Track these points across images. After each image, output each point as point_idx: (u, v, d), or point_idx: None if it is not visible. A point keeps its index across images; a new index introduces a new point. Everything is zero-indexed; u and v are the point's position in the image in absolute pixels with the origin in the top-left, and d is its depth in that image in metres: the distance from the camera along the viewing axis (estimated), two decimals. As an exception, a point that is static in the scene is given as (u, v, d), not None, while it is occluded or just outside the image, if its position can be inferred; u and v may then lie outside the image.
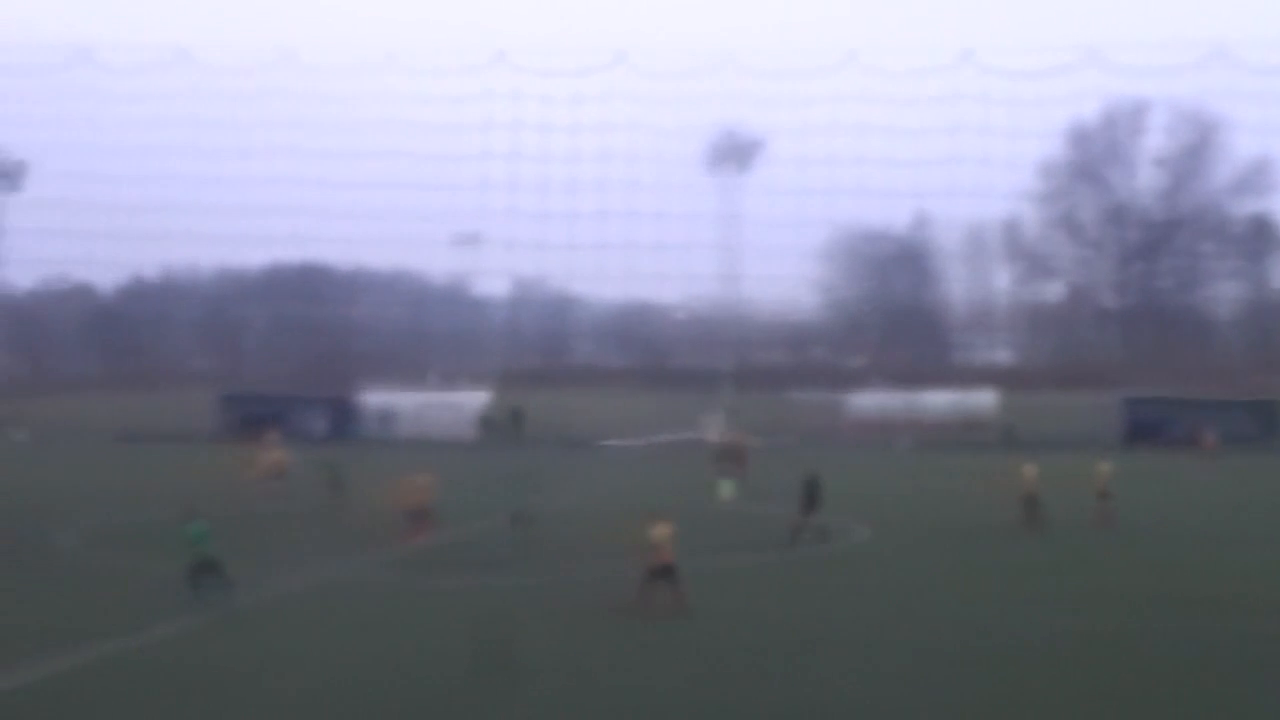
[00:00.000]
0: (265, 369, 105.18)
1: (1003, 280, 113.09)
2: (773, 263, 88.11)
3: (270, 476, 43.16)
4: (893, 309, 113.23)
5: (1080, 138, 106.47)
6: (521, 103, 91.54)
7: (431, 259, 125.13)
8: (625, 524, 26.99)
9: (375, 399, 79.96)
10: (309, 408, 79.13)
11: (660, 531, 24.54)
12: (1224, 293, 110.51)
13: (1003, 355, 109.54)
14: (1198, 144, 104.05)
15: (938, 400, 78.11)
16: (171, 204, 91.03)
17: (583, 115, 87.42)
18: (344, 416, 78.29)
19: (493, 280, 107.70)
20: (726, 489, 44.29)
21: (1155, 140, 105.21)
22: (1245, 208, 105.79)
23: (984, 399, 78.27)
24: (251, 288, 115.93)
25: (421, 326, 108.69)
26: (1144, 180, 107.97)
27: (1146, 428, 73.10)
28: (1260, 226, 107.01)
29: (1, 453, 66.31)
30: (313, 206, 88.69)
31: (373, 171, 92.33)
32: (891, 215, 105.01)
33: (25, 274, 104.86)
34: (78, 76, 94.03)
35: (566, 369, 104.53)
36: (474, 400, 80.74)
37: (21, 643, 21.38)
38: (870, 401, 79.83)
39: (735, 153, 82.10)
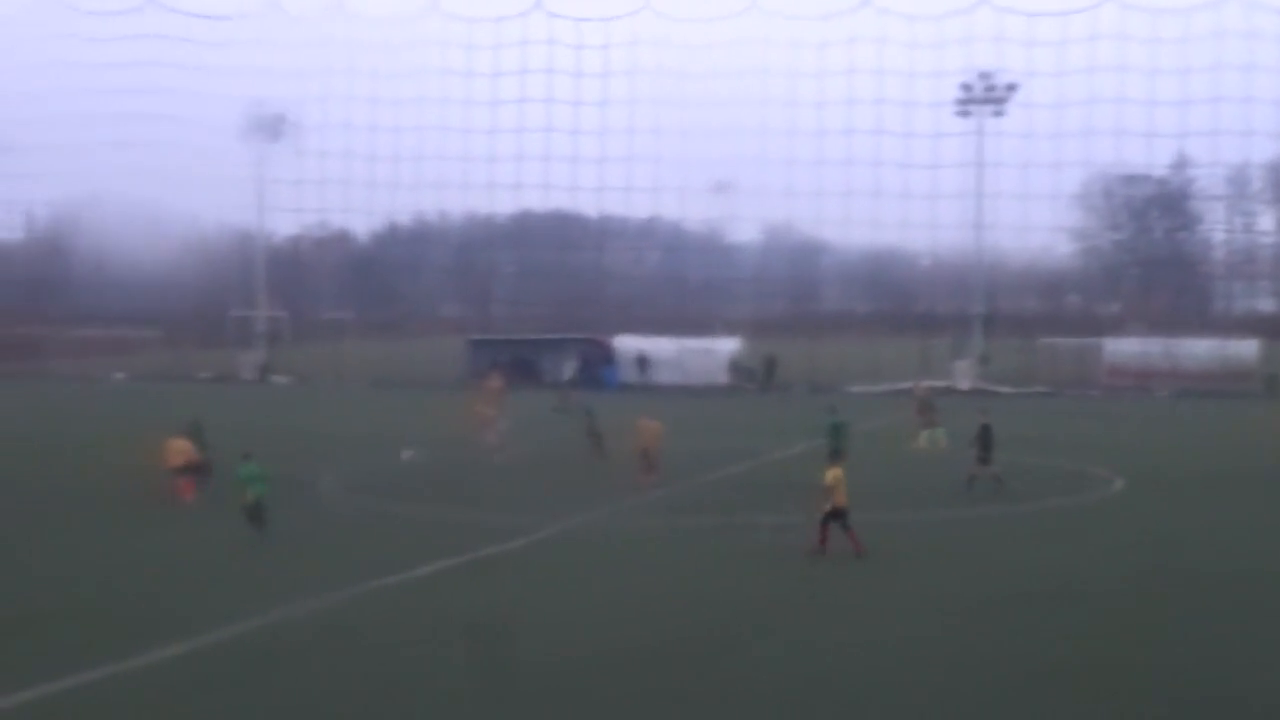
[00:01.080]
0: (516, 315, 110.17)
1: (1267, 224, 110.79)
2: (1025, 209, 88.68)
3: (487, 423, 44.47)
4: (1150, 255, 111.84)
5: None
6: (771, 48, 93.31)
7: (684, 206, 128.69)
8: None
9: (628, 345, 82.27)
10: (561, 353, 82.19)
11: (834, 475, 25.83)
12: None
13: (1266, 304, 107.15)
14: None
15: (1198, 348, 77.43)
16: (425, 152, 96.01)
17: (831, 60, 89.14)
18: (595, 362, 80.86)
19: (743, 227, 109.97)
20: (926, 438, 44.72)
21: None
22: None
23: (1246, 348, 77.35)
24: (502, 234, 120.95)
25: (673, 273, 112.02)
26: None
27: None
28: None
29: (265, 399, 70.36)
30: (563, 154, 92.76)
31: (622, 119, 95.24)
32: (1150, 158, 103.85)
33: (287, 222, 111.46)
34: (335, 28, 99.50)
35: (814, 315, 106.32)
36: (726, 347, 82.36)
37: (283, 583, 23.04)
38: (1128, 348, 79.53)
39: (983, 96, 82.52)
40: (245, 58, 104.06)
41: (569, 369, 78.77)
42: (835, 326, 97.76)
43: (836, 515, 25.62)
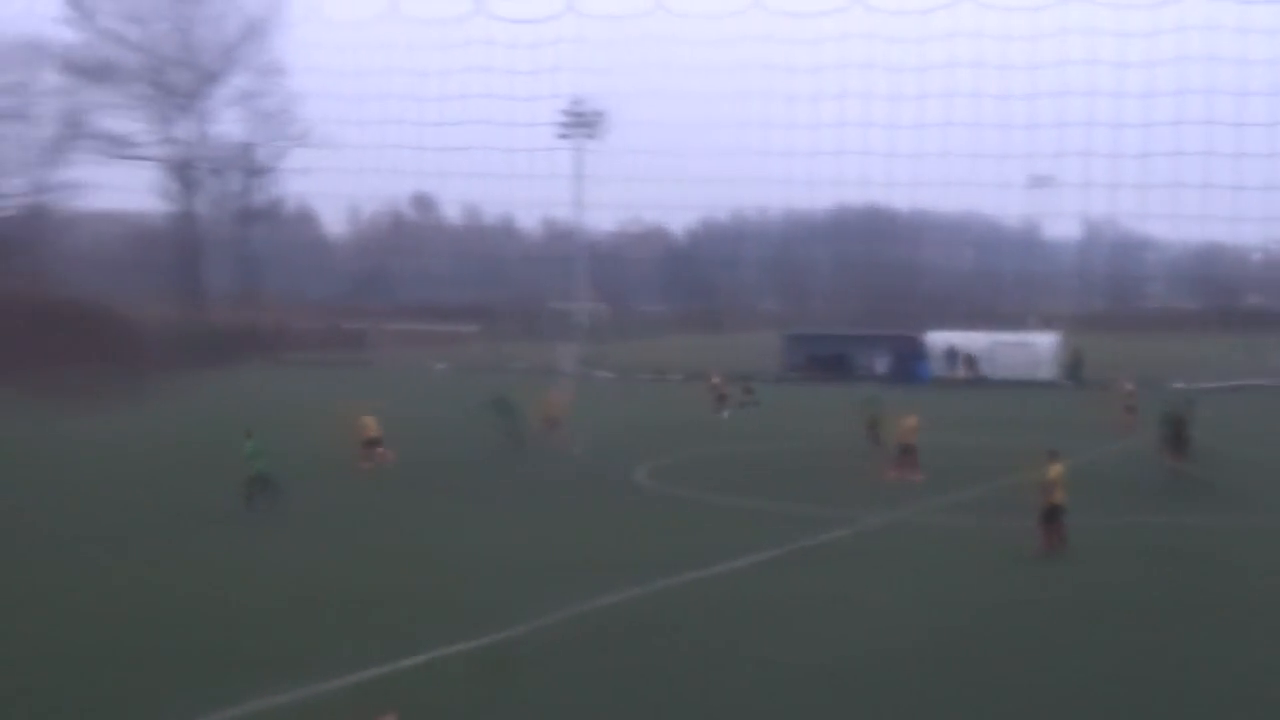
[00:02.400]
0: (830, 309, 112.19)
1: None
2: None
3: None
4: None
5: None
6: (1095, 38, 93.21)
7: (1001, 201, 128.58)
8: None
9: (943, 339, 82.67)
10: (873, 348, 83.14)
11: (1055, 471, 25.79)
12: None
13: None
14: None
15: None
16: (742, 148, 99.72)
17: (1159, 49, 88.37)
18: (908, 357, 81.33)
19: (1062, 222, 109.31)
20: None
21: None
22: None
23: None
24: (817, 229, 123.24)
25: (987, 268, 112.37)
26: None
27: None
28: None
29: (582, 390, 74.04)
30: (879, 149, 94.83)
31: (939, 113, 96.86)
32: None
33: (606, 218, 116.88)
34: (655, 24, 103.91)
35: (1135, 311, 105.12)
36: (1045, 342, 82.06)
37: (604, 570, 23.76)
38: None
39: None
40: (564, 57, 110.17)
41: (881, 364, 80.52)
42: (1157, 322, 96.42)
43: (1053, 513, 25.56)
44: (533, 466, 38.87)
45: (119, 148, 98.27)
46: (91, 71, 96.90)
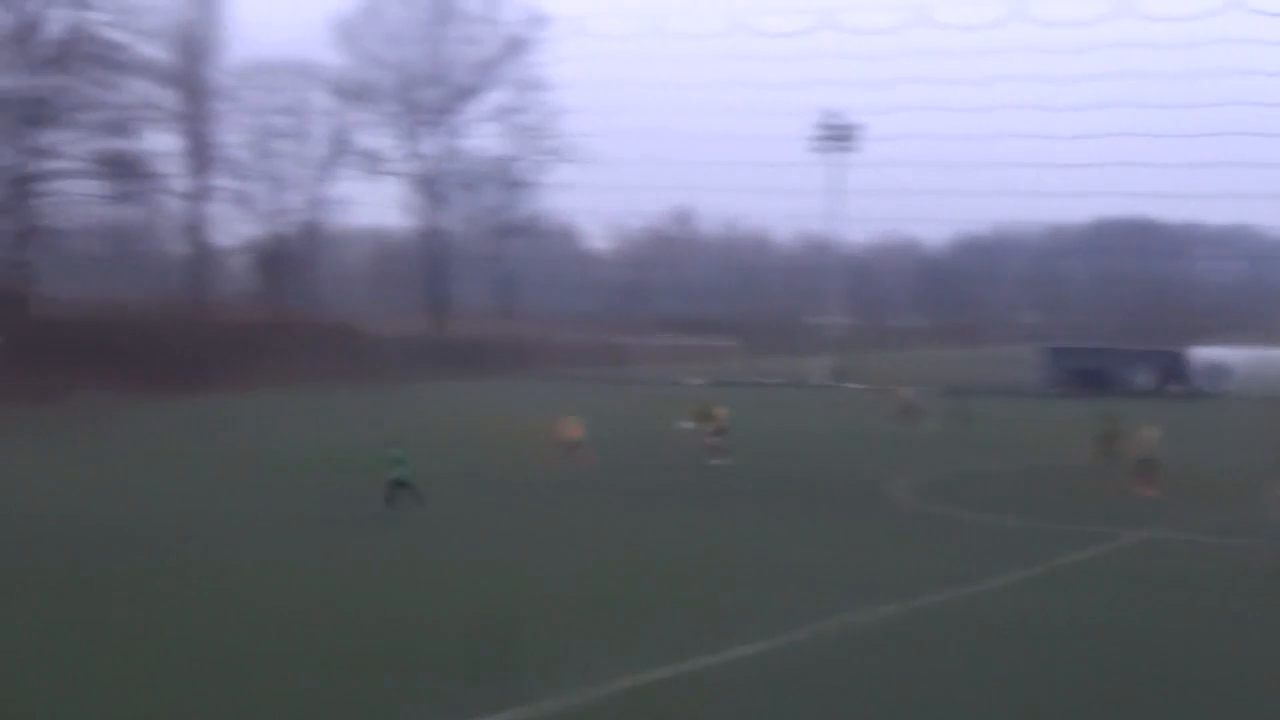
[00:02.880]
0: (1090, 323, 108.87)
1: None
2: None
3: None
4: None
5: None
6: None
7: (1276, 213, 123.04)
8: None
9: (1203, 354, 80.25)
10: (1135, 362, 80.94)
11: None
12: None
13: None
14: None
15: None
16: (1001, 160, 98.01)
17: None
18: (1172, 371, 79.20)
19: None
20: None
21: None
22: None
23: None
24: (1077, 242, 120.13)
25: (1258, 282, 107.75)
26: None
27: None
28: None
29: (833, 402, 72.43)
30: (1145, 160, 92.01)
31: (1203, 122, 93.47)
32: None
33: (860, 231, 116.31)
34: (913, 37, 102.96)
35: None
36: None
37: (852, 586, 23.10)
38: None
39: None
40: (820, 71, 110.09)
41: (1143, 378, 78.39)
42: None
43: None
44: (766, 476, 38.73)
45: (374, 165, 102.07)
46: (353, 92, 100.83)
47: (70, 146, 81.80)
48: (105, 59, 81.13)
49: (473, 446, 44.29)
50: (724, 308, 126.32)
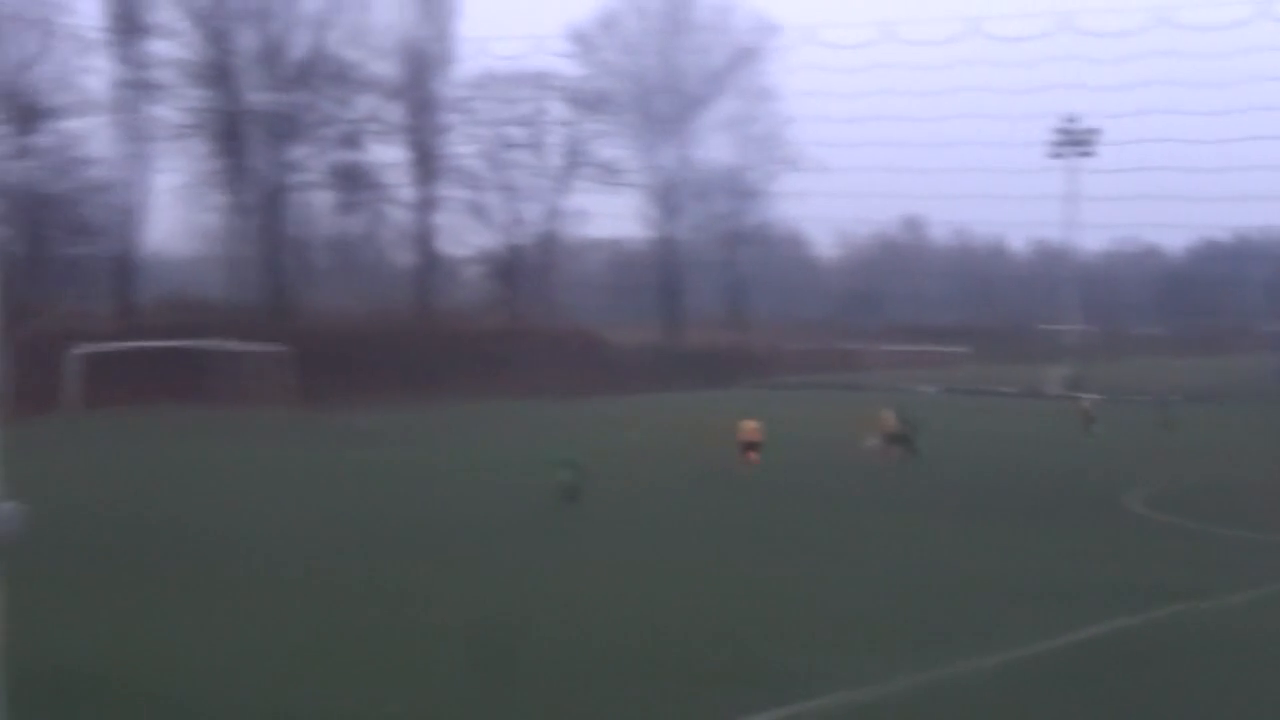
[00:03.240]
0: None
1: None
2: None
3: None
4: None
5: None
6: None
7: None
8: None
9: None
10: None
11: None
12: None
13: None
14: None
15: None
16: (1244, 164, 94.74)
17: None
18: None
19: None
20: None
21: None
22: None
23: None
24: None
25: None
26: None
27: None
28: None
29: (1060, 413, 70.71)
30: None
31: None
32: None
33: (1097, 238, 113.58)
34: (1153, 39, 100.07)
35: None
36: None
37: (1092, 597, 22.73)
38: None
39: None
40: (1057, 75, 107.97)
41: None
42: None
43: None
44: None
45: (610, 175, 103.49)
46: (589, 103, 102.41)
47: (311, 160, 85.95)
48: (341, 76, 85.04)
49: (704, 454, 44.97)
50: (956, 315, 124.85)
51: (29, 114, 74.84)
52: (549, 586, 23.23)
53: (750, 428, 42.19)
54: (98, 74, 79.19)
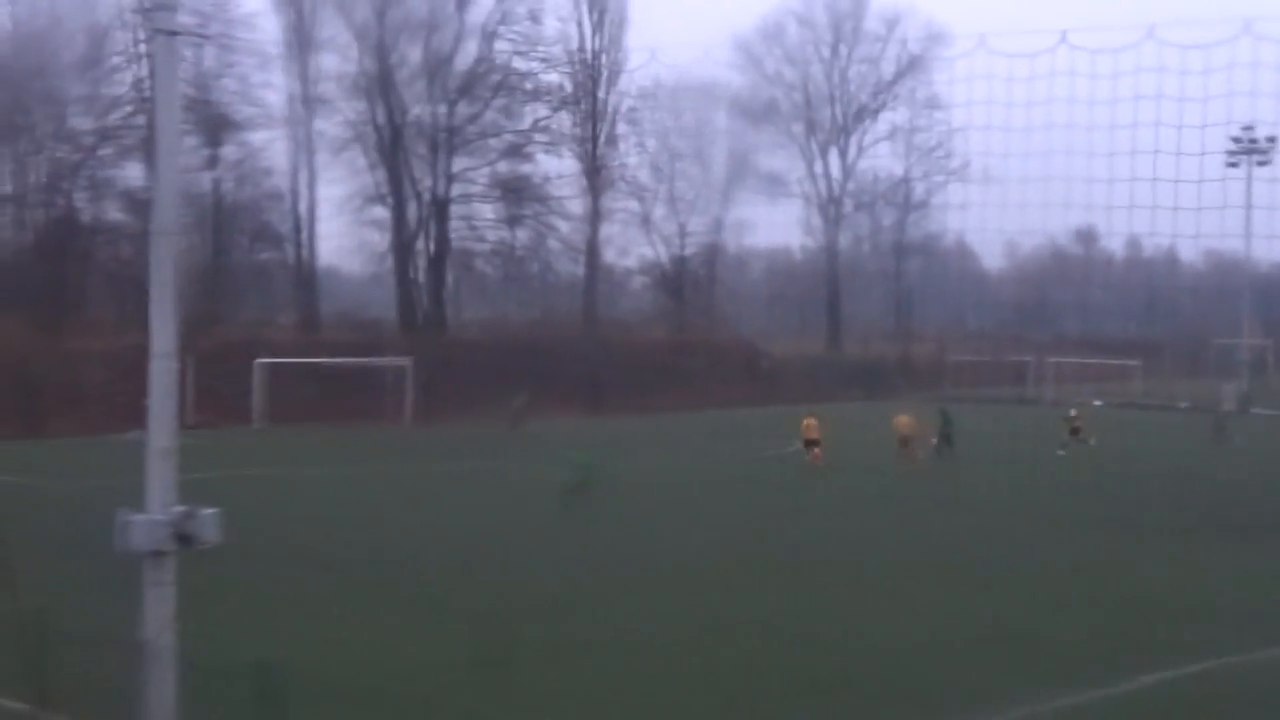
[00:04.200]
0: None
1: None
2: None
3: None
4: None
5: None
6: None
7: None
8: None
9: None
10: None
11: None
12: None
13: None
14: None
15: None
16: None
17: None
18: None
19: None
20: None
21: None
22: None
23: None
24: None
25: None
26: None
27: None
28: None
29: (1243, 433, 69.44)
30: None
31: None
32: None
33: (1274, 249, 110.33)
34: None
35: None
36: None
37: (1273, 616, 22.78)
38: None
39: None
40: (1237, 82, 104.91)
41: None
42: None
43: None
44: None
45: (774, 186, 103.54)
46: (755, 113, 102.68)
47: (476, 172, 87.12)
48: (508, 87, 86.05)
49: (873, 469, 45.05)
50: (1128, 328, 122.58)
51: (216, 125, 77.14)
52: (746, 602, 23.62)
53: (811, 425, 44.50)
54: (275, 89, 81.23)
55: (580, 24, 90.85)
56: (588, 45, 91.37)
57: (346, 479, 42.39)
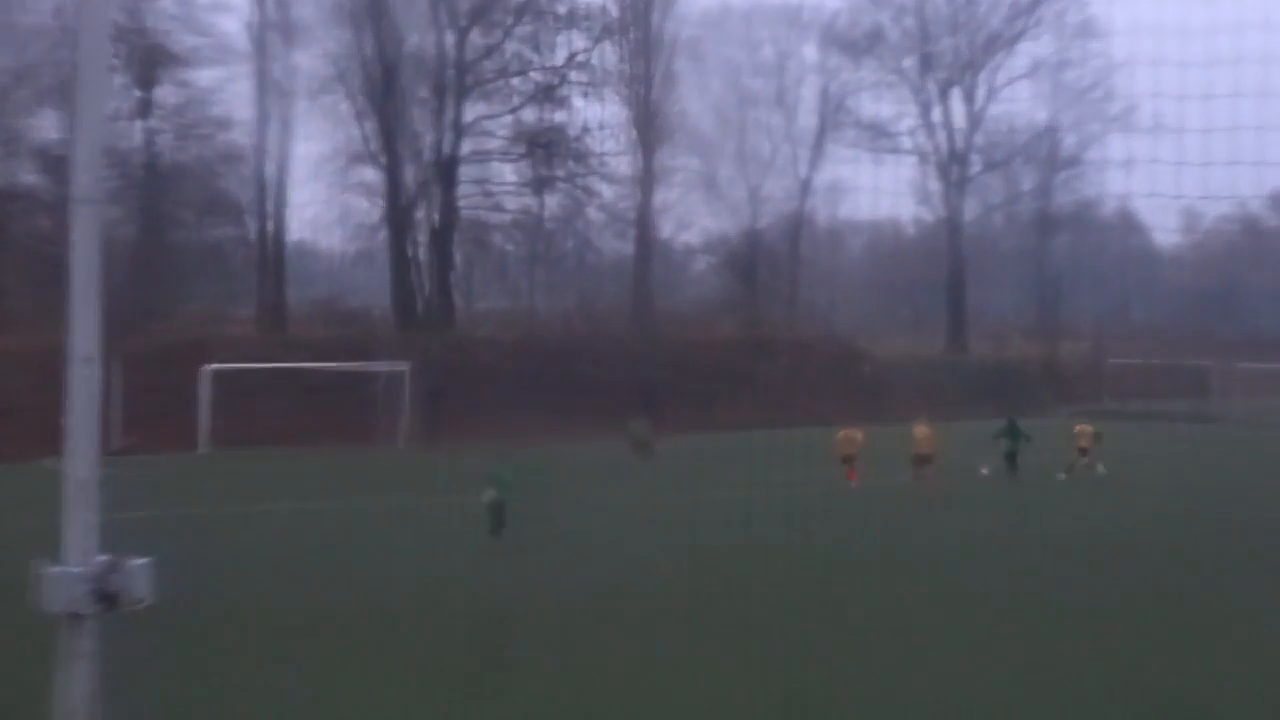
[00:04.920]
0: None
1: None
2: None
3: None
4: None
5: None
6: None
7: None
8: None
9: None
10: None
11: None
12: None
13: None
14: None
15: None
16: None
17: None
18: None
19: None
20: None
21: None
22: None
23: None
24: None
25: None
26: None
27: None
28: None
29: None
30: None
31: None
32: None
33: None
34: None
35: None
36: None
37: None
38: None
39: None
40: None
41: None
42: None
43: None
44: None
45: (878, 138, 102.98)
46: (854, 44, 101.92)
47: (494, 121, 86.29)
48: (536, 11, 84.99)
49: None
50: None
51: (151, 60, 76.85)
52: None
53: (849, 438, 48.03)
54: (233, 11, 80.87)
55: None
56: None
57: (319, 518, 42.48)
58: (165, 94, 79.67)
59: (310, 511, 43.52)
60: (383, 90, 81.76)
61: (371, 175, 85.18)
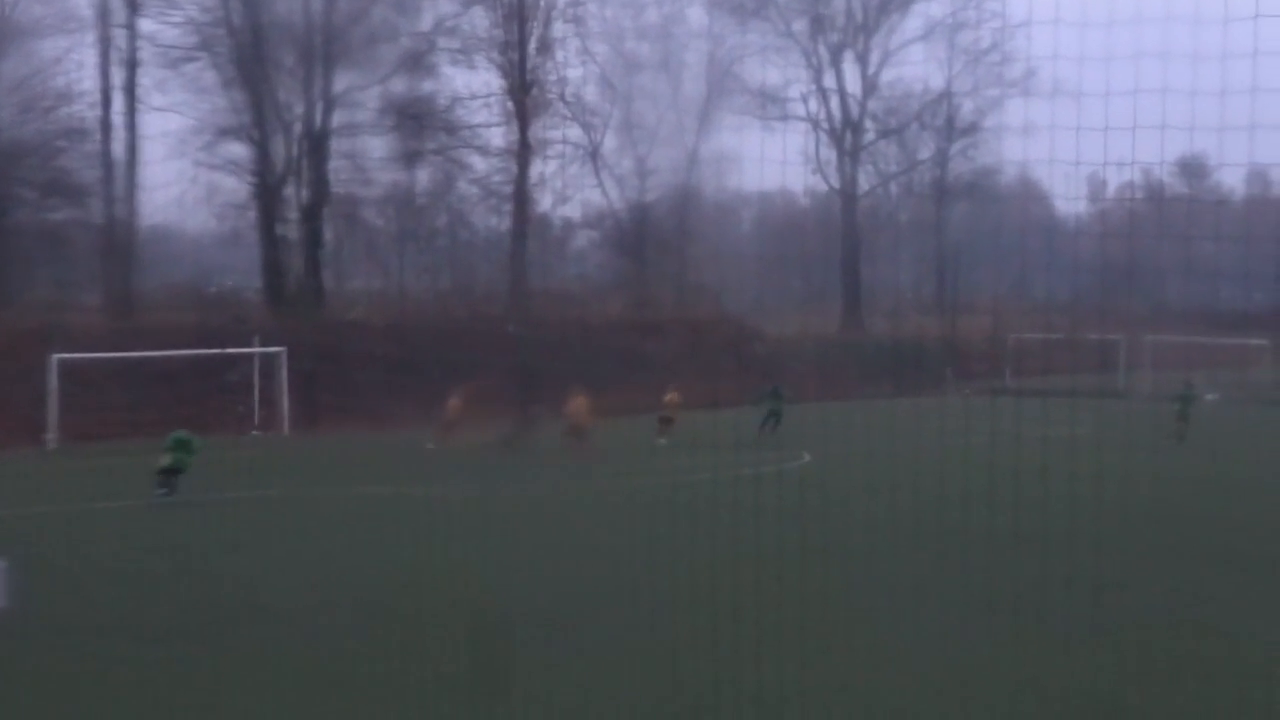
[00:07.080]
0: None
1: None
2: None
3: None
4: None
5: None
6: None
7: None
8: None
9: None
10: None
11: None
12: None
13: None
14: None
15: None
16: None
17: None
18: None
19: None
20: None
21: None
22: None
23: None
24: None
25: None
26: None
27: None
28: None
29: None
30: None
31: None
32: None
33: None
34: None
35: None
36: None
37: None
38: None
39: None
40: None
41: None
42: None
43: None
44: None
45: (768, 106, 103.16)
46: (743, 7, 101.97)
47: (364, 93, 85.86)
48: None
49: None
50: (1252, 296, 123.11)
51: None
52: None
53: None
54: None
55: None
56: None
57: (188, 512, 42.11)
58: (9, 67, 78.49)
59: (171, 505, 43.09)
60: (251, 59, 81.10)
61: (239, 150, 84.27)
